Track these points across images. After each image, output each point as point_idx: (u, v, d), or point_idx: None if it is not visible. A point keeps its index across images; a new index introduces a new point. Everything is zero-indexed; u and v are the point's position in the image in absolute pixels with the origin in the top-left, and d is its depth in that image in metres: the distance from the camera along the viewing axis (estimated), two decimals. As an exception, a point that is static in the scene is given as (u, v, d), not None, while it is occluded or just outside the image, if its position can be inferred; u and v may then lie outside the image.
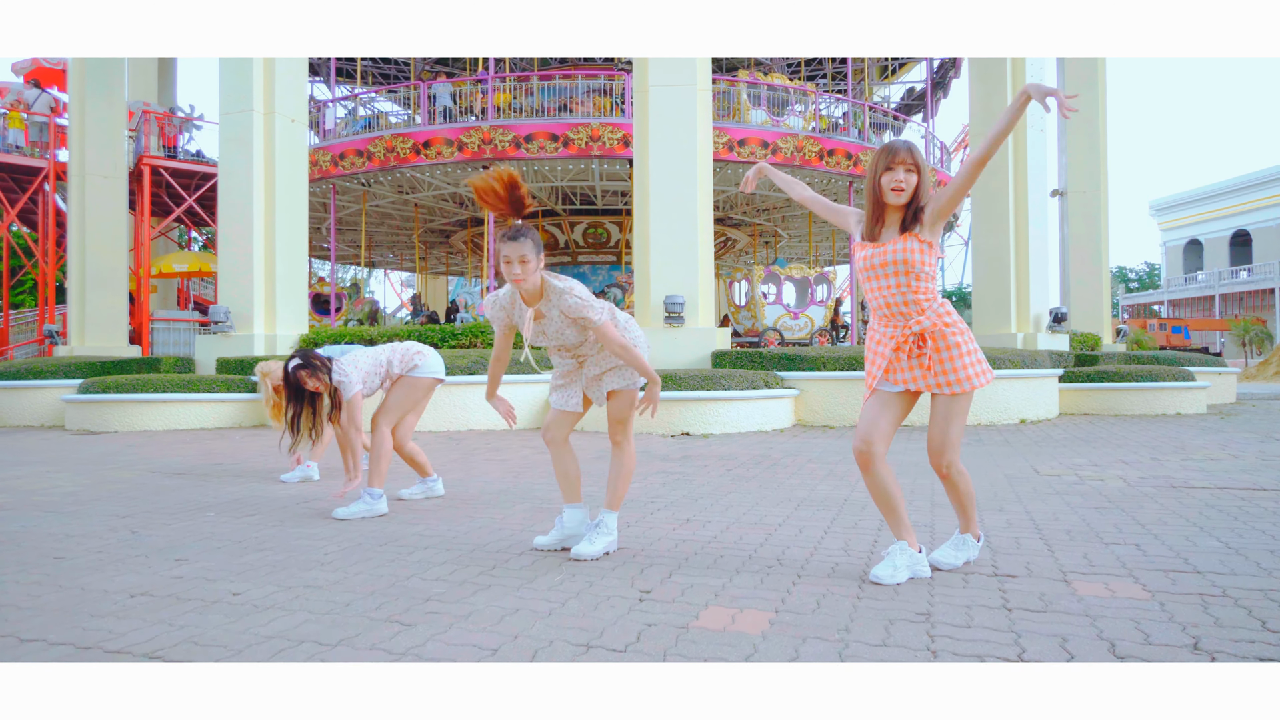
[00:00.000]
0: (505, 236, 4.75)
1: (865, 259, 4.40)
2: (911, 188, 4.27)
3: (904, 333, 4.32)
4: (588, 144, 23.03)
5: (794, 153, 23.82)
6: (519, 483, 8.34)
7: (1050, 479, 8.10)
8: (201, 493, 7.75)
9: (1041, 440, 11.99)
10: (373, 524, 6.16)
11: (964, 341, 4.35)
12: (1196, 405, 16.95)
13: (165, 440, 13.17)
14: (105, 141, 23.34)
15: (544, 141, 23.25)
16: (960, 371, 4.32)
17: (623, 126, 23.02)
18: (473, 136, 23.56)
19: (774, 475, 8.58)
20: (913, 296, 4.31)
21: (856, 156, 24.67)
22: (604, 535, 5.05)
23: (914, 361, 4.35)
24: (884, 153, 4.31)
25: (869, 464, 4.38)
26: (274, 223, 18.38)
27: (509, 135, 23.34)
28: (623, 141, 22.89)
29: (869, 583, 4.31)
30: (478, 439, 12.92)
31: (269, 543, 5.48)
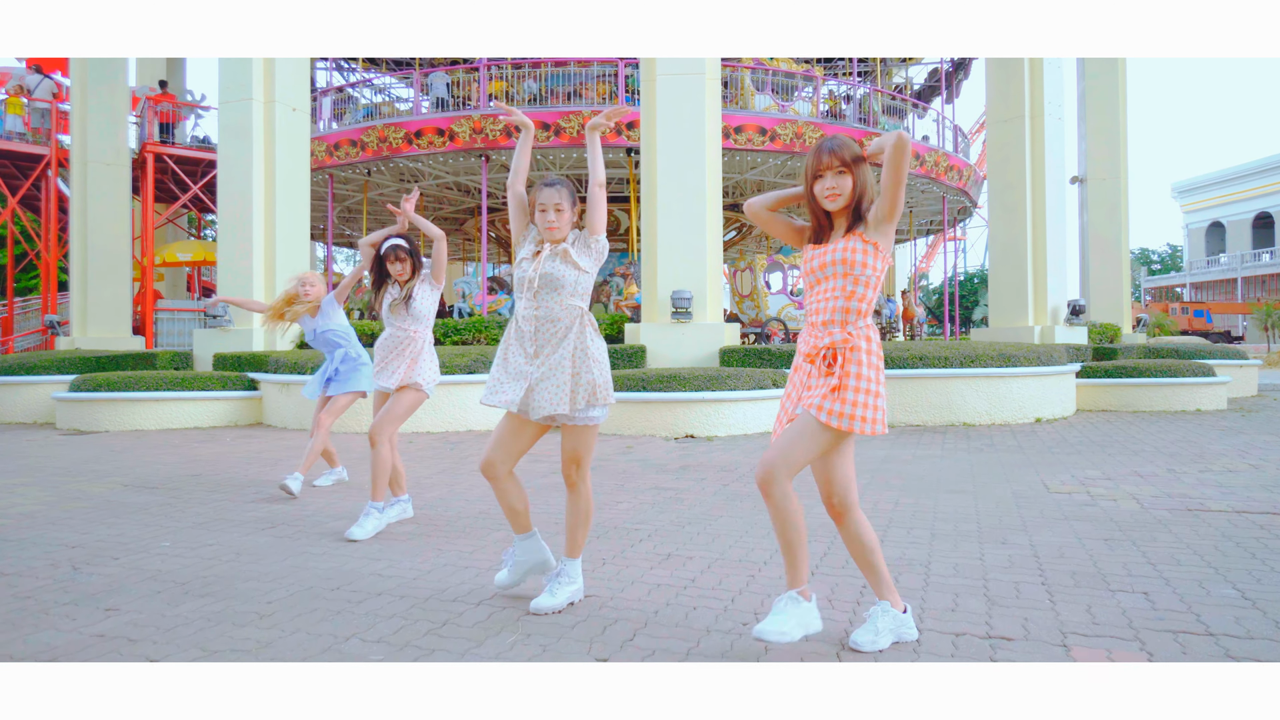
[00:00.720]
0: (544, 183, 4.70)
1: (807, 261, 4.08)
2: (847, 190, 3.95)
3: (818, 345, 3.89)
4: (579, 133, 22.51)
5: (793, 139, 23.27)
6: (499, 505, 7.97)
7: (1060, 498, 7.68)
8: (167, 514, 7.39)
9: (1056, 444, 11.57)
10: (331, 561, 5.77)
11: (872, 376, 3.87)
12: (1217, 401, 16.51)
13: (153, 442, 12.85)
14: (108, 128, 22.97)
15: (535, 130, 22.47)
16: (853, 406, 3.80)
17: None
18: (463, 126, 23.26)
19: (770, 492, 8.20)
20: (853, 304, 3.89)
21: (861, 141, 23.93)
22: (566, 585, 4.66)
23: (826, 380, 3.86)
24: (811, 157, 4.00)
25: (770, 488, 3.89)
26: (274, 214, 18.02)
27: (500, 124, 22.90)
28: (614, 129, 22.39)
29: (848, 649, 3.92)
30: (474, 442, 12.56)
31: (214, 585, 5.11)
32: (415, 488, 8.64)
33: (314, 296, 8.69)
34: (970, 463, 10.01)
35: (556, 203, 4.63)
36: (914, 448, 11.45)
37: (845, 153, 3.93)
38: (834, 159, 3.92)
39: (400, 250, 6.93)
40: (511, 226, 4.84)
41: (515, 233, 4.84)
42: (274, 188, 18.07)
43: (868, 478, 8.96)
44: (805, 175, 4.03)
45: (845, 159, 3.92)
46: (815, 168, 3.96)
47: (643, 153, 17.03)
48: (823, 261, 3.94)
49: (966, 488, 8.30)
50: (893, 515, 6.99)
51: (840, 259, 3.89)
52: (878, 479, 8.88)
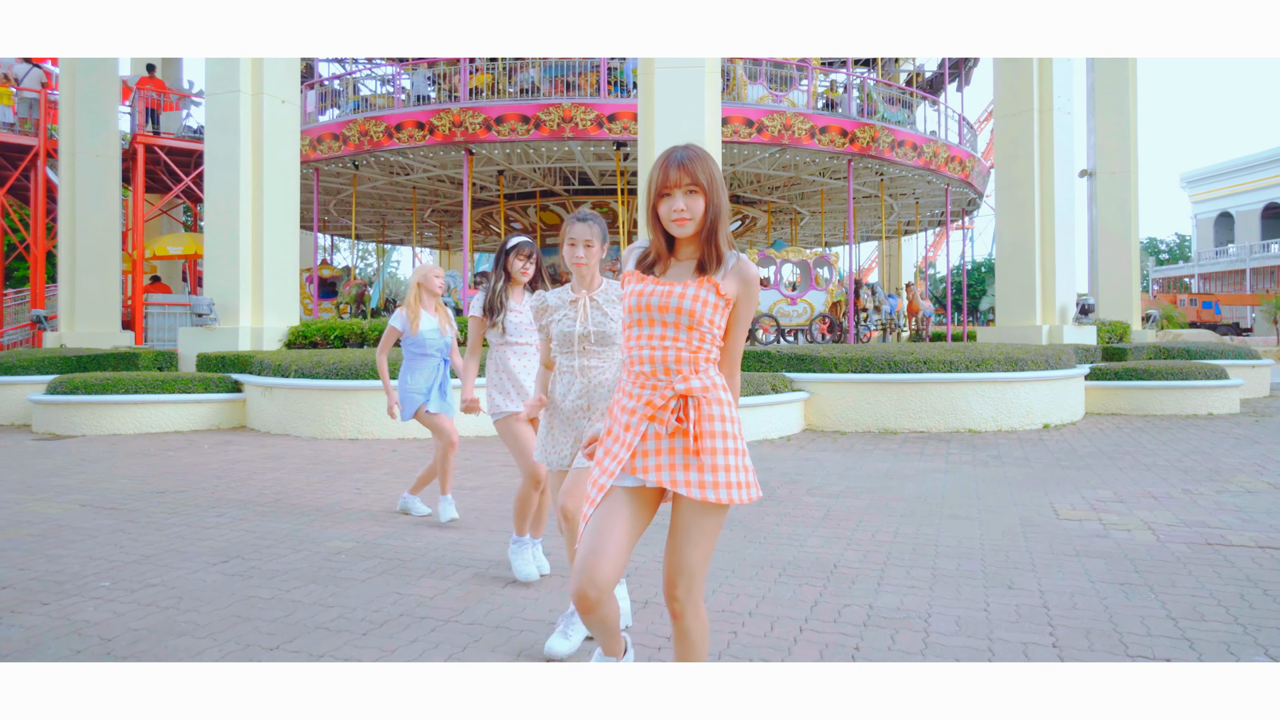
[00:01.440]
0: (576, 218, 4.58)
1: (638, 295, 3.23)
2: (699, 214, 3.16)
3: (662, 396, 3.13)
4: (560, 125, 22.11)
5: (782, 131, 22.63)
6: (478, 527, 7.49)
7: (1071, 526, 7.20)
8: (117, 543, 6.92)
9: (1064, 456, 11.09)
10: (277, 609, 5.31)
11: (737, 434, 3.21)
12: (1229, 404, 16.03)
13: (128, 449, 12.39)
14: (97, 119, 22.50)
15: (515, 124, 22.41)
16: (726, 472, 3.13)
17: (595, 106, 22.11)
18: (443, 119, 22.83)
19: (763, 519, 7.69)
20: (688, 354, 3.17)
21: (853, 133, 23.42)
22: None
23: (671, 442, 3.15)
24: (657, 170, 3.20)
25: (594, 609, 3.20)
26: (262, 210, 17.53)
27: (479, 118, 22.55)
28: (595, 122, 22.00)
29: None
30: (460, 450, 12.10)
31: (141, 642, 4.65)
32: (389, 510, 8.20)
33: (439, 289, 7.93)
34: (976, 479, 9.54)
35: (587, 238, 4.53)
36: (917, 459, 10.98)
37: (698, 167, 3.14)
38: (684, 174, 3.13)
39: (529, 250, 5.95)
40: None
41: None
42: (262, 181, 17.57)
43: (867, 499, 8.49)
44: (649, 191, 3.23)
45: (697, 175, 3.14)
46: (661, 184, 3.17)
47: (640, 149, 16.57)
48: (663, 303, 3.16)
49: (971, 512, 7.82)
50: (891, 550, 6.50)
51: (683, 307, 3.15)
52: (877, 501, 8.41)
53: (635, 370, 3.22)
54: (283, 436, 13.70)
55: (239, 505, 8.39)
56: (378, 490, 9.19)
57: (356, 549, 6.67)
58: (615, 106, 22.02)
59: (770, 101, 23.84)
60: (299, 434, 13.69)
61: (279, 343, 17.55)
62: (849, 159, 24.06)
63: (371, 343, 17.46)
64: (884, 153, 24.02)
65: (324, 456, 11.53)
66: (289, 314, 18.12)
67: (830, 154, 23.61)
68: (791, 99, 24.55)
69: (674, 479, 3.10)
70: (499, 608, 5.22)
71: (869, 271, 51.00)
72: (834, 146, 23.36)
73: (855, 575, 5.82)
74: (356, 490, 9.17)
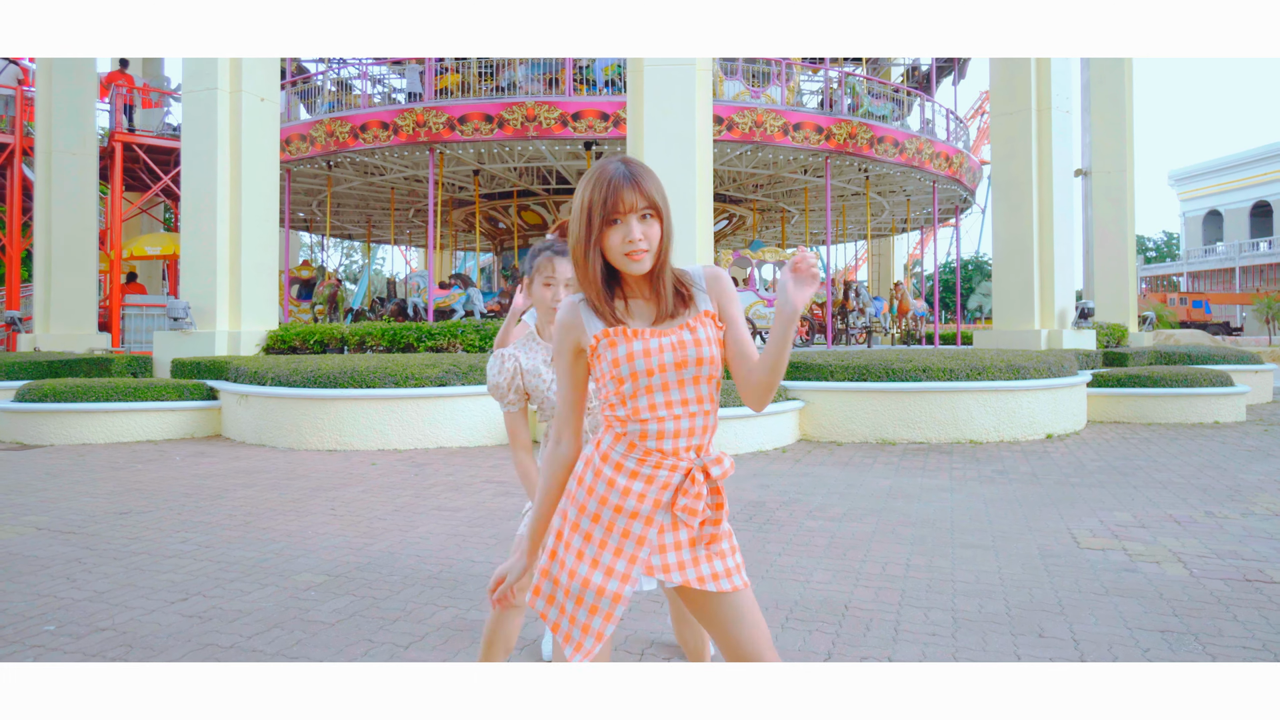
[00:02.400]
0: (557, 251, 3.80)
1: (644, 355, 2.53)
2: (655, 242, 2.55)
3: (693, 480, 2.57)
4: (523, 124, 21.71)
5: (753, 128, 22.10)
6: (460, 553, 6.98)
7: (1094, 558, 6.72)
8: (70, 576, 6.40)
9: (1073, 472, 10.63)
10: (239, 656, 4.81)
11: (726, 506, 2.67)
12: (1236, 412, 15.60)
13: (96, 461, 11.87)
14: (73, 116, 22.09)
15: (478, 123, 22.04)
16: (734, 553, 2.69)
17: (559, 105, 21.70)
18: (407, 119, 22.51)
19: (765, 548, 7.20)
20: (713, 418, 2.64)
21: (829, 130, 22.94)
22: None
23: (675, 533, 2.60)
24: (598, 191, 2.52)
25: None
26: (240, 210, 17.01)
27: (443, 117, 22.20)
28: (560, 121, 21.60)
29: None
30: (442, 462, 11.62)
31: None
32: (365, 534, 7.68)
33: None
34: (984, 499, 9.07)
35: (568, 278, 3.73)
36: (920, 474, 10.51)
37: (651, 186, 2.54)
38: (639, 196, 2.51)
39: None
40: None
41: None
42: (240, 180, 17.05)
43: (872, 523, 8.01)
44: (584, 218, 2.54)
45: (654, 197, 2.53)
46: (608, 209, 2.50)
47: (630, 145, 16.10)
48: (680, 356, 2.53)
49: (985, 540, 7.33)
50: (905, 586, 6.02)
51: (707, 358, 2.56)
52: (884, 525, 7.93)
53: (647, 447, 2.56)
54: (258, 447, 13.18)
55: (206, 529, 7.87)
56: (353, 511, 8.68)
57: (327, 584, 6.17)
58: (580, 104, 21.65)
59: (748, 98, 23.38)
60: (275, 444, 13.18)
61: (257, 347, 17.03)
62: (826, 156, 23.60)
63: (352, 347, 16.95)
64: (863, 149, 23.53)
65: (300, 470, 11.03)
66: (268, 317, 17.59)
67: (805, 151, 23.15)
68: (770, 95, 24.10)
69: (700, 575, 2.57)
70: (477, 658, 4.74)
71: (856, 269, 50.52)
72: (809, 144, 22.89)
73: (869, 619, 5.34)
74: (331, 510, 8.66)
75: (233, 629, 5.24)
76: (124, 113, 25.09)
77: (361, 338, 16.95)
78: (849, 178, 27.25)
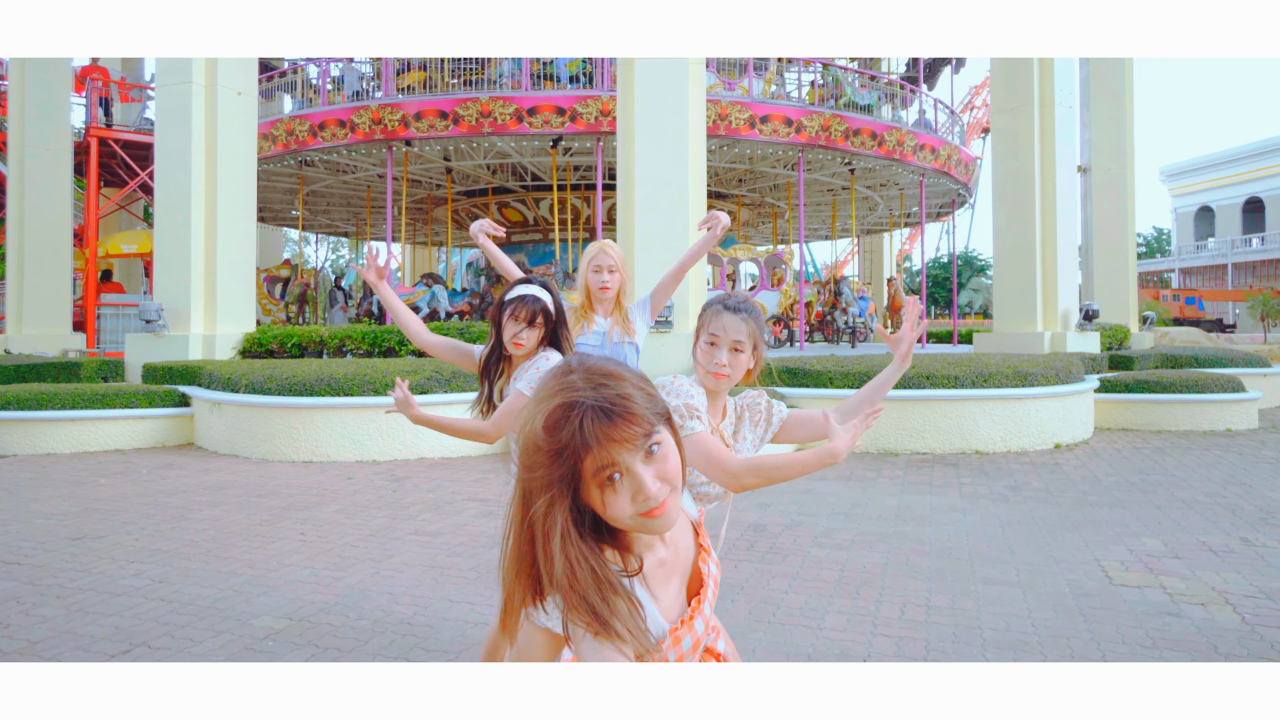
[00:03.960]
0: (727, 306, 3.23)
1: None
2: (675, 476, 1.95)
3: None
4: (479, 120, 21.42)
5: (717, 121, 21.52)
6: (437, 590, 6.37)
7: (1131, 597, 6.14)
8: (7, 618, 5.77)
9: (1089, 488, 10.05)
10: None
11: None
12: (1248, 419, 15.05)
13: (58, 475, 11.23)
14: (47, 110, 21.49)
15: (433, 119, 21.81)
16: None
17: (514, 100, 21.36)
18: (363, 116, 22.27)
19: (769, 584, 6.58)
20: None
21: (799, 122, 22.49)
22: None
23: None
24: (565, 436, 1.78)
25: None
26: (216, 208, 16.36)
27: (398, 114, 21.96)
28: (515, 116, 21.28)
29: None
30: (423, 474, 11.01)
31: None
32: (335, 565, 7.07)
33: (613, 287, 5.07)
34: (1000, 521, 8.48)
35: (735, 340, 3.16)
36: (928, 491, 9.92)
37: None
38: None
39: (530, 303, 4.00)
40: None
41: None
42: (216, 178, 16.40)
43: (884, 551, 7.42)
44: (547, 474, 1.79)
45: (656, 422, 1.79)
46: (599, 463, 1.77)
47: (620, 147, 15.43)
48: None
49: (1009, 573, 6.73)
50: (928, 635, 5.42)
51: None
52: (897, 554, 7.33)
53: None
54: (231, 458, 12.54)
55: (162, 559, 7.24)
56: (325, 536, 8.06)
57: (289, 630, 5.56)
58: (535, 99, 21.29)
59: (721, 90, 22.86)
60: (248, 455, 12.54)
61: (233, 350, 16.40)
62: (801, 149, 23.10)
63: (331, 351, 16.34)
64: (837, 142, 23.06)
65: (271, 486, 10.40)
66: (244, 320, 16.96)
67: (774, 145, 22.63)
68: (744, 86, 23.58)
69: None
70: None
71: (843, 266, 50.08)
72: (777, 137, 22.39)
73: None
74: (301, 536, 8.04)
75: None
76: (100, 106, 24.49)
77: (341, 341, 16.34)
78: (833, 171, 26.72)
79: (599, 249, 4.92)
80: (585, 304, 4.99)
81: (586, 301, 4.98)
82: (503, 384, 4.13)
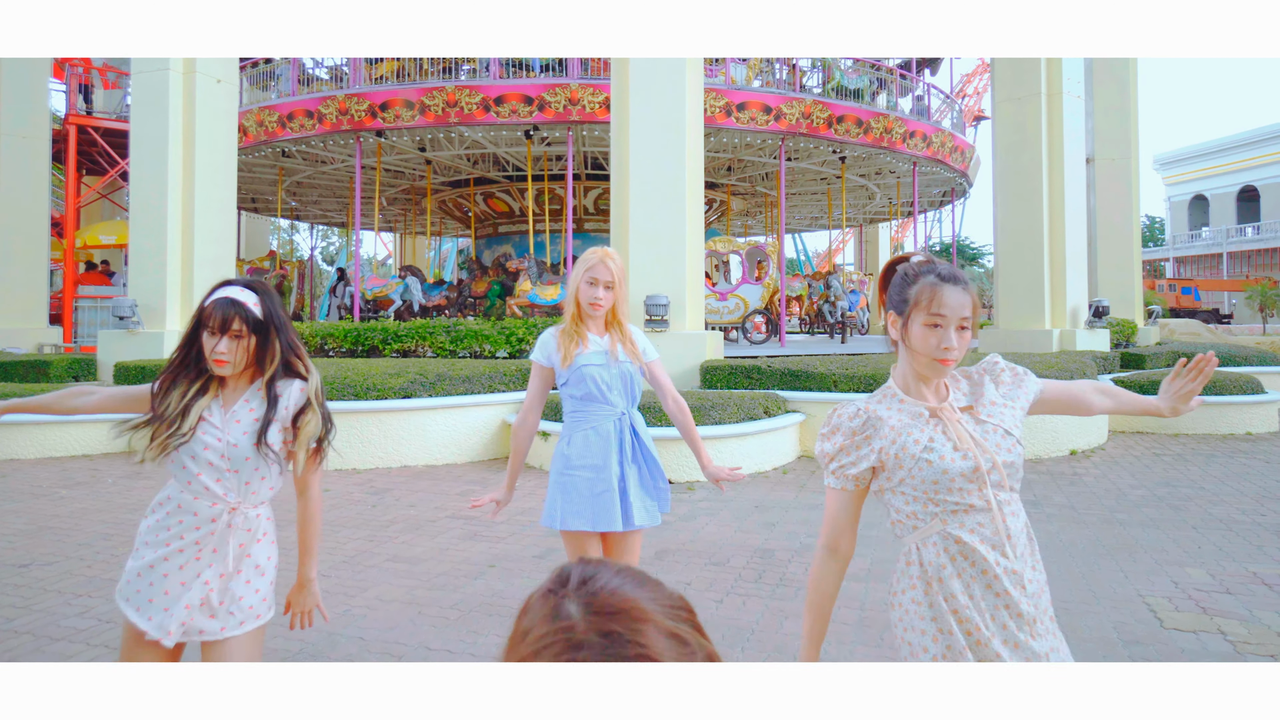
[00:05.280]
0: (943, 277, 2.71)
1: None
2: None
3: None
4: (445, 110, 21.11)
5: None
6: (414, 633, 5.72)
7: (1187, 644, 5.51)
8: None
9: (1114, 503, 9.44)
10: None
11: None
12: (1269, 422, 14.46)
13: (17, 485, 10.58)
14: (23, 97, 20.95)
15: (399, 109, 21.53)
16: None
17: (480, 89, 21.01)
18: (330, 107, 21.98)
19: (780, 625, 5.93)
20: None
21: (778, 109, 22.01)
22: None
23: None
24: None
25: None
26: (193, 200, 15.78)
27: (364, 104, 21.67)
28: (481, 106, 20.92)
29: None
30: (404, 486, 10.37)
31: None
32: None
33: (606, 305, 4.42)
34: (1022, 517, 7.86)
35: (962, 317, 2.63)
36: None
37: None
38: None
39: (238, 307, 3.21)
40: None
41: None
42: (194, 167, 15.83)
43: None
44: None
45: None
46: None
47: (614, 141, 14.85)
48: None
49: (1046, 613, 6.12)
50: (970, 697, 4.81)
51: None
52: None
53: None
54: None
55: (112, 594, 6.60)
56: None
57: (244, 689, 4.93)
58: (502, 89, 21.00)
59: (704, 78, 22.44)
60: (222, 463, 11.93)
61: (210, 351, 15.80)
62: (781, 138, 22.62)
63: (312, 350, 15.69)
64: (820, 130, 22.57)
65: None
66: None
67: (753, 133, 22.20)
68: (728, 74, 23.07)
69: None
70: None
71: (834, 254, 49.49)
72: (756, 125, 21.89)
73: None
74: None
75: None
76: (80, 93, 23.92)
77: (322, 339, 15.71)
78: (823, 159, 26.27)
79: (599, 259, 4.29)
80: (575, 317, 4.37)
81: (576, 314, 4.36)
82: (191, 403, 3.25)
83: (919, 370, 2.70)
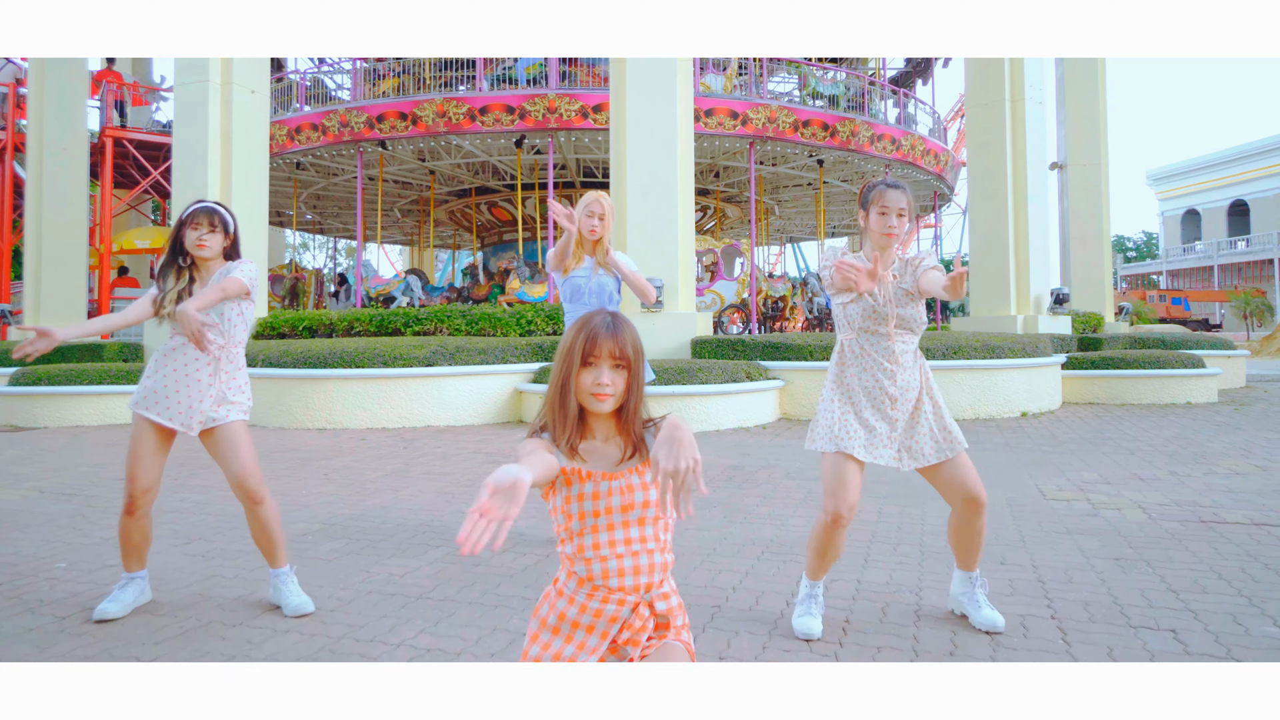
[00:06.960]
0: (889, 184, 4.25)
1: (590, 496, 2.63)
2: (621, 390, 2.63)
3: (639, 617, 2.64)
4: (435, 120, 22.27)
5: None
6: (450, 506, 7.25)
7: (1059, 506, 7.03)
8: (75, 527, 6.68)
9: (1045, 442, 10.93)
10: (240, 586, 5.09)
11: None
12: (1208, 394, 15.88)
13: (91, 440, 12.08)
14: (64, 112, 22.17)
15: (394, 121, 22.71)
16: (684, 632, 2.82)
17: (467, 100, 22.18)
18: (332, 120, 23.21)
19: (743, 500, 7.49)
20: (660, 557, 2.67)
21: (745, 115, 22.99)
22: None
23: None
24: (579, 337, 2.64)
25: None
26: (230, 201, 17.18)
27: (362, 117, 22.88)
28: (468, 116, 22.08)
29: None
30: (430, 439, 11.85)
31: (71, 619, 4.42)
32: (357, 493, 7.95)
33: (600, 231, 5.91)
34: (957, 463, 9.35)
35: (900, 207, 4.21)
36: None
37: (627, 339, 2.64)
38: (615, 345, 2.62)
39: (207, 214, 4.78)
40: None
41: None
42: (230, 172, 17.28)
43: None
44: (564, 357, 2.66)
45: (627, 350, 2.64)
46: (586, 351, 2.62)
47: (612, 138, 16.31)
48: (624, 502, 2.62)
49: (955, 494, 7.63)
50: (876, 529, 6.31)
51: (654, 500, 2.64)
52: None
53: (594, 584, 2.62)
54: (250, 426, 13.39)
55: (202, 491, 8.12)
56: (345, 476, 8.93)
57: (324, 531, 6.46)
58: (486, 99, 22.08)
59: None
60: (266, 424, 13.41)
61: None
62: (750, 141, 23.61)
63: (340, 333, 17.18)
64: (785, 134, 23.47)
65: (290, 445, 11.27)
66: (258, 306, 17.81)
67: (719, 138, 23.29)
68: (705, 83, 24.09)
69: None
70: (471, 584, 5.01)
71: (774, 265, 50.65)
72: (723, 129, 22.88)
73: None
74: (324, 476, 8.92)
75: (234, 565, 5.52)
76: (115, 109, 25.24)
77: (350, 323, 17.17)
78: (801, 164, 27.25)
79: (594, 197, 5.86)
80: (579, 243, 5.91)
81: (579, 240, 5.90)
82: (182, 287, 4.73)
83: (876, 244, 4.23)
